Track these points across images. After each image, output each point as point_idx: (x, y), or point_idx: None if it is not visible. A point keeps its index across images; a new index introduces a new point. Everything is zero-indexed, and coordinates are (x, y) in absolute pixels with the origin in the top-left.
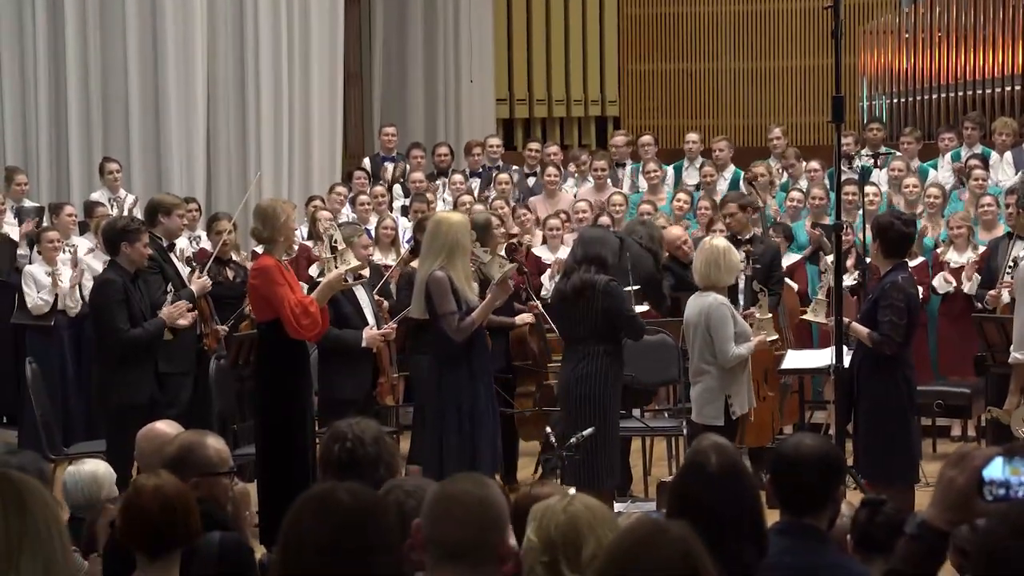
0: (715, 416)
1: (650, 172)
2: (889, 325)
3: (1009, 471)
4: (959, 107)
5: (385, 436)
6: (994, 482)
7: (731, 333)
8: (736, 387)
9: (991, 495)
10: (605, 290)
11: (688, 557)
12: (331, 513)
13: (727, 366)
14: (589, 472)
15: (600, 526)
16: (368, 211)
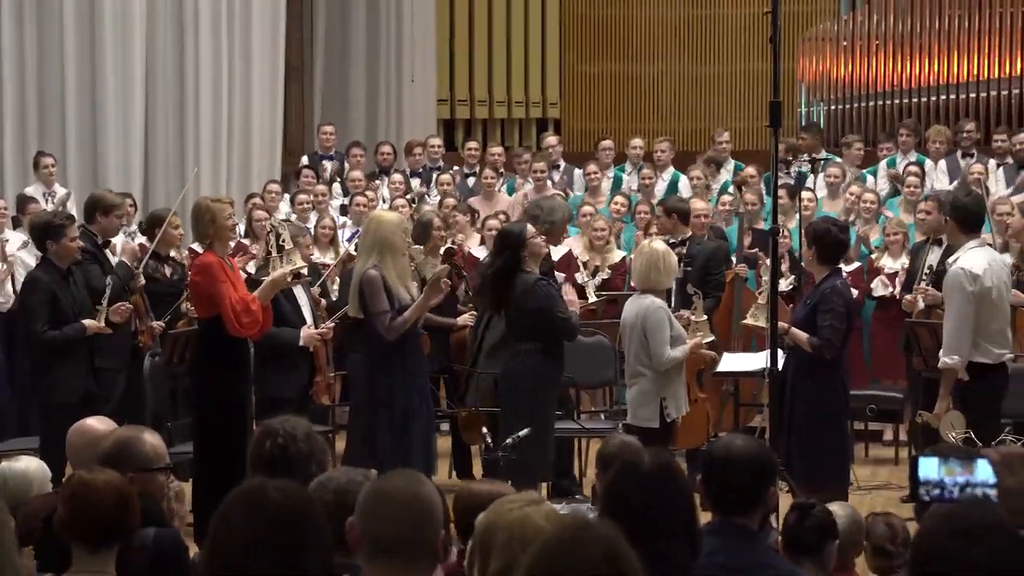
0: (650, 418)
1: (591, 174)
2: (830, 330)
3: (944, 472)
4: (895, 115)
5: (316, 434)
6: (929, 482)
7: (667, 337)
8: (671, 390)
9: (927, 495)
10: (533, 290)
11: (613, 556)
12: (260, 510)
13: (661, 369)
14: (521, 468)
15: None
16: (307, 209)
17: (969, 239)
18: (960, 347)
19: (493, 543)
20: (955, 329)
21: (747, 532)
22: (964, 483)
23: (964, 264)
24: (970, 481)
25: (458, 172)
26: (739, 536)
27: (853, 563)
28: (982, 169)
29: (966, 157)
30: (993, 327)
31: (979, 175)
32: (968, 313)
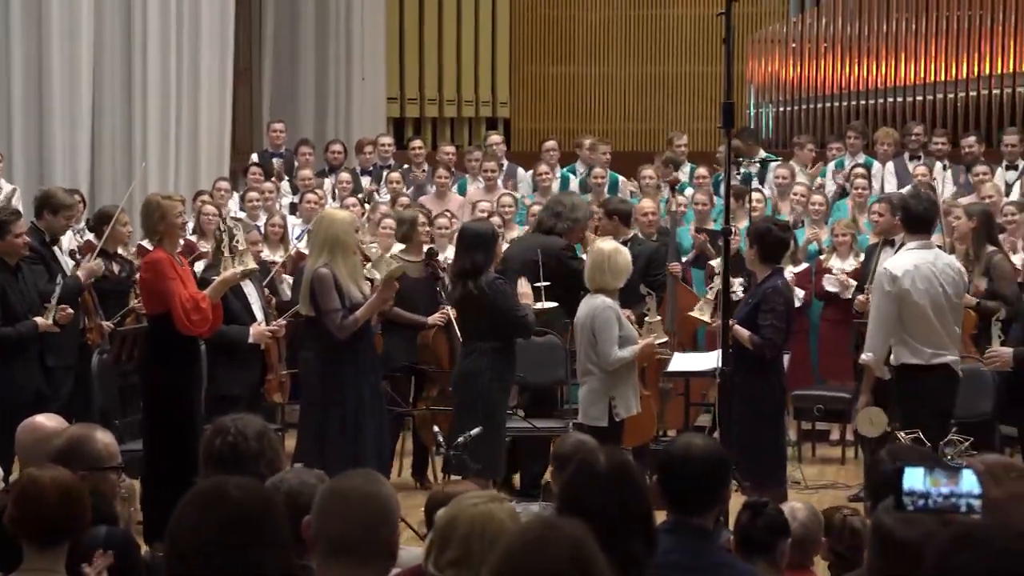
0: (599, 417)
1: (542, 174)
2: (771, 329)
3: (930, 482)
4: (843, 116)
5: (269, 432)
6: (915, 492)
7: (614, 336)
8: (620, 389)
9: (912, 505)
10: (490, 288)
11: (580, 556)
12: (220, 508)
13: (608, 369)
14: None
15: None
16: (257, 207)
17: (913, 239)
18: (875, 345)
19: (453, 536)
20: (873, 327)
21: (702, 531)
22: (949, 493)
23: (888, 264)
24: (955, 491)
25: (407, 170)
26: (695, 535)
27: (812, 561)
28: (925, 171)
29: (913, 159)
30: (920, 328)
31: (923, 177)
32: (886, 312)
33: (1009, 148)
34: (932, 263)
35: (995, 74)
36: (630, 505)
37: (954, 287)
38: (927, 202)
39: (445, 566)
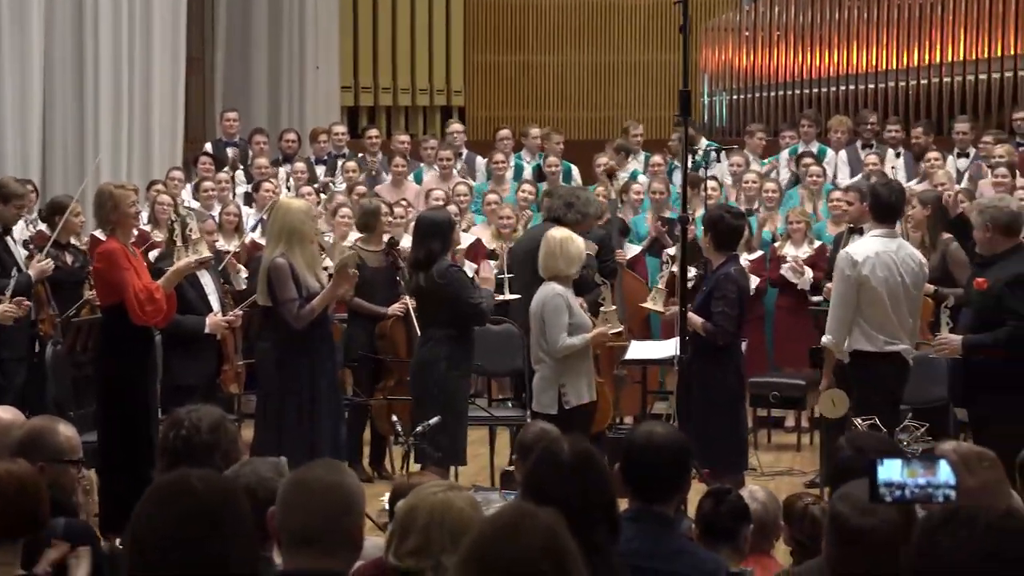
0: (549, 405)
1: (498, 163)
2: (722, 316)
3: (907, 473)
4: (796, 105)
5: (226, 423)
6: (892, 484)
7: (563, 323)
8: (571, 377)
9: (889, 496)
10: (445, 275)
11: (553, 545)
12: (183, 501)
13: (556, 356)
14: (431, 453)
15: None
16: (212, 197)
17: (878, 227)
18: (835, 327)
19: (412, 525)
20: (833, 310)
21: (665, 519)
22: (925, 484)
23: (850, 249)
24: (931, 482)
25: (362, 159)
26: (657, 523)
27: (772, 545)
28: (876, 159)
29: (866, 148)
30: (875, 315)
31: (874, 165)
32: (846, 296)
33: (960, 136)
34: (894, 252)
35: (946, 62)
36: (593, 493)
37: (913, 278)
38: (898, 191)
39: (405, 555)
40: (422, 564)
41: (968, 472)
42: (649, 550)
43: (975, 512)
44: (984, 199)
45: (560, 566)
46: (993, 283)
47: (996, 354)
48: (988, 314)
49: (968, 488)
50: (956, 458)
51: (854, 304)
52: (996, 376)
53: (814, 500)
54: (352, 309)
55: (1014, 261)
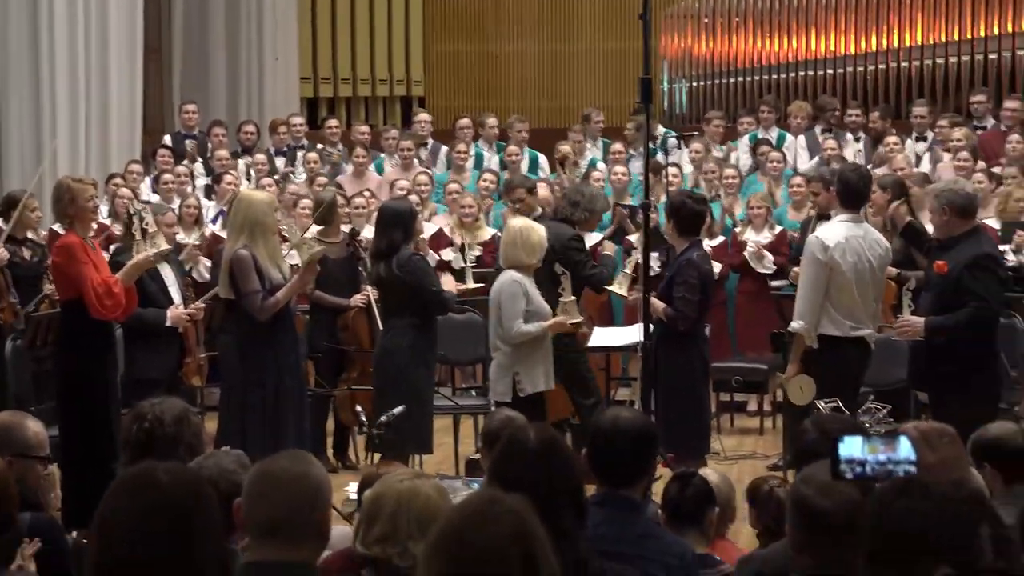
0: (504, 393)
1: (460, 152)
2: (683, 301)
3: (867, 450)
4: (756, 91)
5: (189, 416)
6: (853, 460)
7: (518, 310)
8: (525, 365)
9: (850, 473)
10: (406, 265)
11: (522, 532)
12: (149, 494)
13: (510, 343)
14: (396, 442)
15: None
16: (172, 190)
17: (845, 212)
18: (806, 313)
19: (379, 513)
20: (803, 295)
21: (631, 504)
22: (886, 460)
23: (820, 233)
24: (892, 458)
25: (325, 150)
26: (624, 508)
27: (727, 528)
28: (835, 144)
29: (825, 133)
30: (843, 300)
31: (832, 151)
32: (817, 281)
33: (918, 120)
34: (861, 237)
35: (904, 47)
36: (559, 479)
37: (879, 262)
38: (866, 177)
39: (372, 543)
40: (389, 551)
41: (928, 448)
42: (616, 535)
43: (928, 481)
44: (939, 183)
45: (529, 552)
46: (953, 266)
47: (957, 336)
48: (948, 296)
49: (928, 464)
50: (916, 434)
51: (824, 289)
52: (956, 358)
53: (779, 483)
54: (314, 302)
55: (972, 243)
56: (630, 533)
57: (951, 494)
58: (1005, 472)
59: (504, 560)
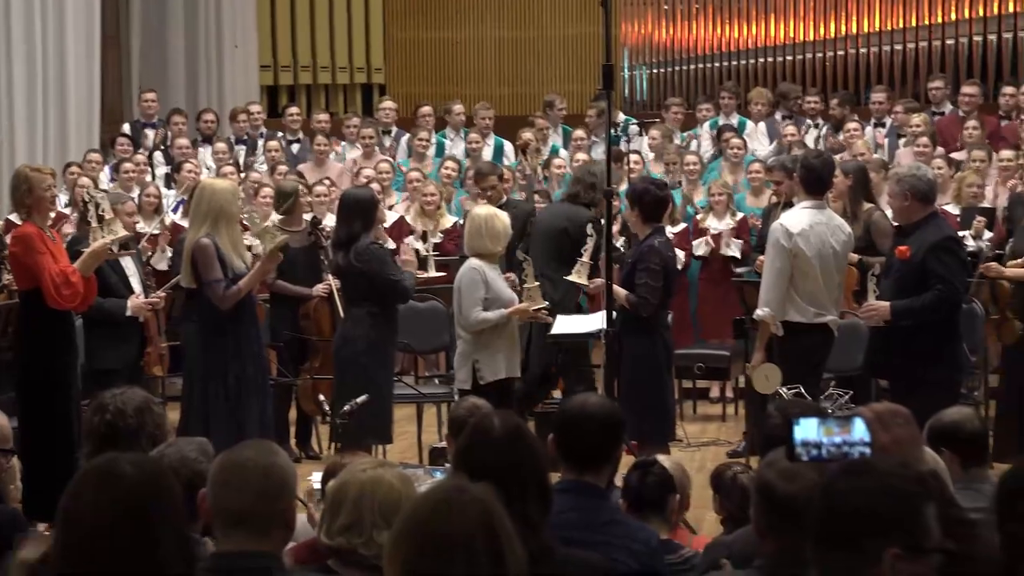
0: (464, 380)
1: (422, 140)
2: (645, 288)
3: (822, 432)
4: (716, 77)
5: (152, 406)
6: (808, 443)
7: (477, 298)
8: (485, 353)
9: (806, 455)
10: (365, 254)
11: (488, 520)
12: (114, 485)
13: (469, 330)
14: (356, 432)
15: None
16: (132, 179)
17: (808, 199)
18: (770, 300)
19: (343, 503)
20: (768, 283)
21: (596, 491)
22: (841, 442)
23: (784, 220)
24: (847, 440)
25: (283, 138)
26: (589, 495)
27: (681, 515)
28: (794, 131)
29: (786, 119)
30: (807, 287)
31: (791, 136)
32: (781, 268)
33: (876, 106)
34: (825, 224)
35: (862, 33)
36: (525, 467)
37: (843, 249)
38: (829, 163)
39: (336, 533)
40: (353, 541)
41: (882, 429)
42: (582, 521)
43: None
44: (901, 168)
45: (495, 541)
46: (916, 249)
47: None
48: (912, 281)
49: (882, 445)
50: (871, 416)
51: (788, 274)
52: (918, 344)
53: (743, 470)
54: (275, 291)
55: (933, 227)
56: (595, 520)
57: (895, 473)
58: (962, 456)
59: (470, 549)
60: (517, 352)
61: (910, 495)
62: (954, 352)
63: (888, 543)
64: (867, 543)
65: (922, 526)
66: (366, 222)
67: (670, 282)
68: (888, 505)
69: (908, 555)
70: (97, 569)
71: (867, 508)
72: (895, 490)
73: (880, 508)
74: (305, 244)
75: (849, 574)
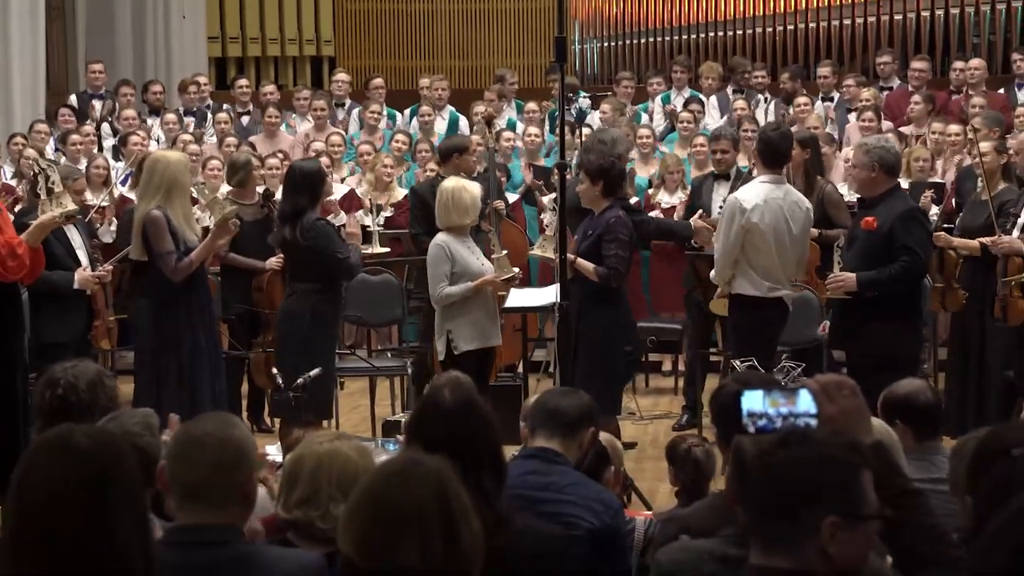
0: (440, 351)
1: (373, 113)
2: (615, 259)
3: (769, 403)
4: (667, 52)
5: (105, 380)
6: (754, 414)
7: (440, 273)
8: (456, 323)
9: (753, 426)
10: (311, 229)
11: (442, 492)
12: (68, 458)
13: (437, 305)
14: (296, 407)
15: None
16: (79, 151)
17: (766, 173)
18: (721, 271)
19: (299, 476)
20: (717, 254)
21: (559, 456)
22: (787, 413)
23: (739, 195)
24: (793, 411)
25: (232, 111)
26: (551, 459)
27: (615, 489)
28: (744, 105)
29: (736, 93)
30: (761, 262)
31: (742, 111)
32: (733, 242)
33: (823, 80)
34: (781, 199)
35: (811, 8)
36: (477, 439)
37: (800, 224)
38: (787, 137)
39: (293, 506)
40: (310, 514)
41: (828, 400)
42: (543, 482)
43: (810, 433)
44: (870, 139)
45: (448, 515)
46: (883, 221)
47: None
48: (878, 252)
49: (828, 415)
50: (817, 387)
51: (738, 248)
52: (879, 317)
53: (697, 442)
54: (227, 264)
55: (898, 199)
56: (557, 480)
57: (829, 442)
58: (915, 429)
59: (425, 521)
60: (494, 320)
61: (844, 463)
62: (915, 324)
63: (825, 512)
64: (804, 513)
65: (858, 494)
66: (312, 195)
67: (632, 253)
68: (823, 474)
69: (845, 523)
70: (50, 541)
71: (802, 478)
72: (829, 459)
73: (815, 477)
74: (258, 217)
75: (788, 544)
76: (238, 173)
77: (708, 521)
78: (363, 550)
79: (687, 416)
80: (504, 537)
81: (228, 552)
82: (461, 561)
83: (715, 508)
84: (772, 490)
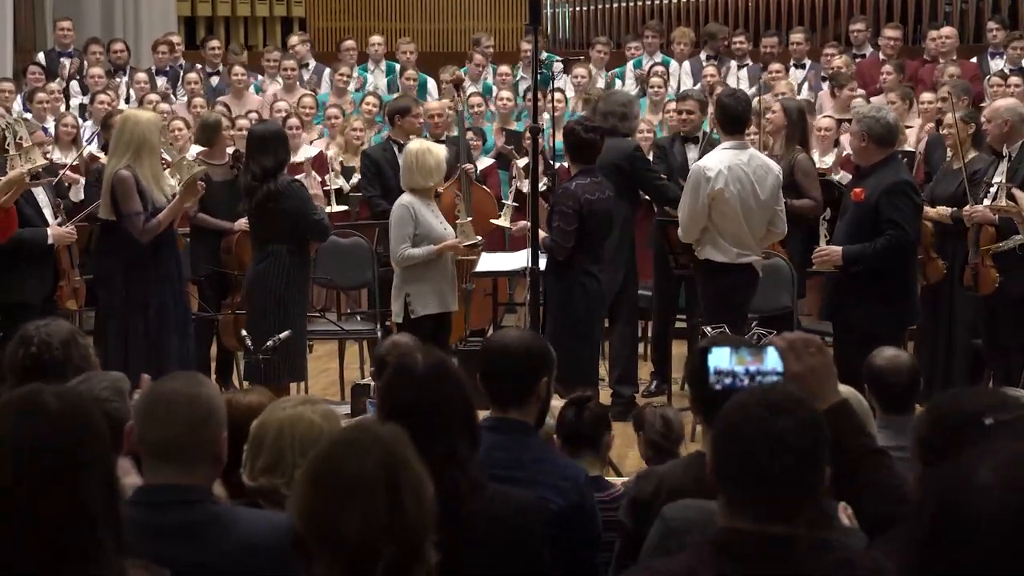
0: (398, 313)
1: (343, 75)
2: (558, 231)
3: (735, 361)
4: (640, 16)
5: (78, 338)
6: (721, 372)
7: (403, 234)
8: (415, 286)
9: (719, 384)
10: (285, 190)
11: (391, 461)
12: (36, 418)
13: (397, 266)
14: (269, 369)
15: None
16: (45, 109)
17: (728, 139)
18: (688, 236)
19: (264, 442)
20: (682, 220)
21: (523, 427)
22: (755, 372)
23: (703, 162)
24: (760, 369)
25: (202, 71)
26: (515, 432)
27: None
28: (714, 71)
29: (710, 59)
30: (729, 228)
31: (711, 78)
32: (696, 207)
33: (796, 47)
34: (745, 164)
35: None
36: (449, 404)
37: (765, 188)
38: (744, 101)
39: (258, 474)
40: (275, 481)
41: (795, 358)
42: (508, 459)
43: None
44: (863, 108)
45: (394, 480)
46: (871, 193)
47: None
48: (866, 224)
49: (795, 373)
50: (783, 345)
51: (705, 216)
52: (871, 290)
53: (662, 405)
54: (196, 224)
55: (890, 170)
56: (523, 457)
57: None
58: (880, 401)
59: (370, 489)
60: (452, 286)
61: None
62: (901, 306)
63: None
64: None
65: None
66: (277, 157)
67: (586, 224)
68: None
69: None
70: (15, 503)
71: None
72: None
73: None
74: (228, 178)
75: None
76: (207, 132)
77: (682, 480)
78: (306, 519)
79: (655, 382)
80: (479, 502)
81: (197, 512)
82: (405, 532)
83: (690, 468)
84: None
